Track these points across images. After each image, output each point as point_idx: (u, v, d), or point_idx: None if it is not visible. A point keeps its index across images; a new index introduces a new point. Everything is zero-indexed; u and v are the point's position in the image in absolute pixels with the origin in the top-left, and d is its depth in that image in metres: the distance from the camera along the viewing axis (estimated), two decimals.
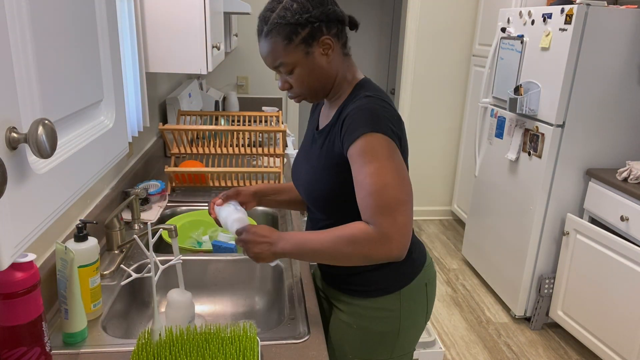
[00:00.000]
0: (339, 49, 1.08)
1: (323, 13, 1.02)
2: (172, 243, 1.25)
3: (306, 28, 1.01)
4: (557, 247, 2.65)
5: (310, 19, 1.01)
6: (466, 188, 3.84)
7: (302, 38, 1.02)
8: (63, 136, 0.59)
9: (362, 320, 1.17)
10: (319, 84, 1.08)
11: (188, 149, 1.94)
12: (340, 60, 1.09)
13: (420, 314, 1.21)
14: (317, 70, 1.06)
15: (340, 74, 1.10)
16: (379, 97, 1.05)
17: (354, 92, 1.10)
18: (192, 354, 0.92)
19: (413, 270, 1.18)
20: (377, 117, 1.00)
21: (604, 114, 2.46)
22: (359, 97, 1.05)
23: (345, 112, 1.06)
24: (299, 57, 1.04)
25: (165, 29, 1.54)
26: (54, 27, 0.54)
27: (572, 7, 2.29)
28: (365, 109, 1.02)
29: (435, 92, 3.89)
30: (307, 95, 1.10)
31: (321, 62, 1.06)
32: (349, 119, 1.02)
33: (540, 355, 2.52)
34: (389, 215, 0.97)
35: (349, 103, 1.07)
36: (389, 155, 1.00)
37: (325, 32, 1.04)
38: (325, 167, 1.10)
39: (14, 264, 0.82)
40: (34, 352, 0.85)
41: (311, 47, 1.03)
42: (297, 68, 1.05)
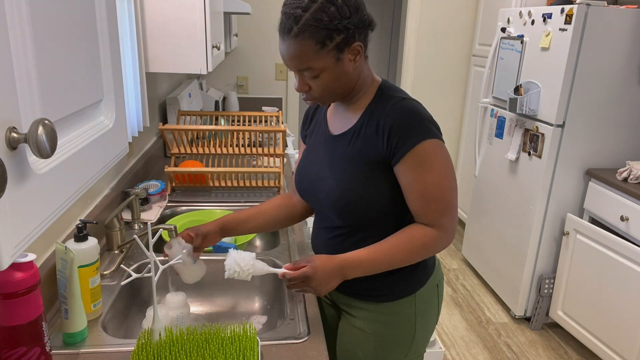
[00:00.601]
0: (363, 54, 1.05)
1: (360, 19, 0.99)
2: None
3: (342, 34, 0.97)
4: (557, 247, 2.65)
5: (348, 25, 0.97)
6: (466, 188, 3.84)
7: (336, 44, 0.97)
8: (63, 136, 0.59)
9: (378, 325, 1.16)
10: (342, 89, 1.05)
11: (188, 149, 1.94)
12: (363, 64, 1.07)
13: (433, 315, 1.21)
14: (344, 76, 1.03)
15: (361, 77, 1.08)
16: (412, 98, 1.07)
17: (382, 94, 1.07)
18: (192, 354, 0.92)
19: (426, 272, 1.17)
20: (424, 120, 1.02)
21: (604, 114, 2.46)
22: (395, 100, 1.04)
23: (382, 116, 1.03)
24: (329, 63, 0.99)
25: (165, 29, 1.54)
26: (54, 27, 0.54)
27: (572, 7, 2.29)
28: (412, 113, 1.02)
29: (435, 92, 3.89)
30: (326, 98, 1.07)
31: (348, 68, 1.02)
32: (399, 127, 1.00)
33: (540, 355, 2.52)
34: (448, 214, 1.06)
35: (383, 106, 1.05)
36: (444, 159, 1.04)
37: (357, 39, 1.00)
38: (355, 173, 1.06)
39: (14, 264, 0.82)
40: (34, 352, 0.85)
41: (342, 53, 0.99)
42: (325, 73, 1.00)
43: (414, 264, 1.13)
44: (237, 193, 1.94)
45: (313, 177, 1.15)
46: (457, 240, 3.82)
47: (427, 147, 1.01)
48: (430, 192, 1.03)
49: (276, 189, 1.99)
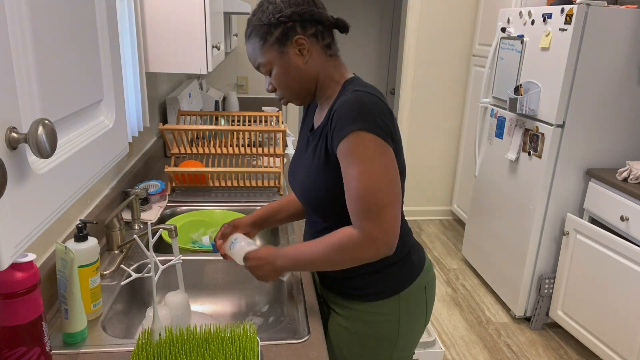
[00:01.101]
0: (319, 50, 1.07)
1: (295, 13, 1.02)
2: (172, 243, 1.25)
3: (279, 28, 1.03)
4: (557, 247, 2.65)
5: (281, 19, 1.02)
6: (466, 188, 3.84)
7: (276, 37, 1.04)
8: (63, 136, 0.59)
9: (360, 324, 1.16)
10: (298, 84, 1.08)
11: (188, 149, 1.94)
12: (321, 61, 1.08)
13: (419, 317, 1.20)
14: (293, 70, 1.06)
15: (322, 74, 1.09)
16: (368, 91, 1.02)
17: (343, 89, 1.09)
18: (192, 354, 0.92)
19: (412, 273, 1.17)
20: (365, 112, 0.98)
21: (604, 114, 2.46)
22: (348, 92, 1.04)
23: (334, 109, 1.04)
24: (274, 57, 1.05)
25: (165, 29, 1.54)
26: (54, 27, 0.54)
27: (572, 7, 2.29)
28: (353, 103, 0.99)
29: (435, 92, 3.89)
30: (290, 96, 1.11)
31: (297, 62, 1.06)
32: (337, 115, 1.00)
33: (540, 355, 2.52)
34: (371, 219, 0.98)
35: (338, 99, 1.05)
36: (376, 155, 0.98)
37: (299, 32, 1.04)
38: (320, 169, 1.08)
39: (14, 264, 0.82)
40: (34, 352, 0.85)
41: (285, 47, 1.04)
42: (274, 68, 1.07)
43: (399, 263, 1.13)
44: (237, 193, 1.94)
45: (294, 174, 1.20)
46: (457, 241, 3.82)
47: (359, 138, 0.97)
48: (354, 187, 0.98)
49: (276, 189, 1.99)
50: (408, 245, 1.18)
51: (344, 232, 1.02)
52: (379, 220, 0.98)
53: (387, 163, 0.98)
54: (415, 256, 1.19)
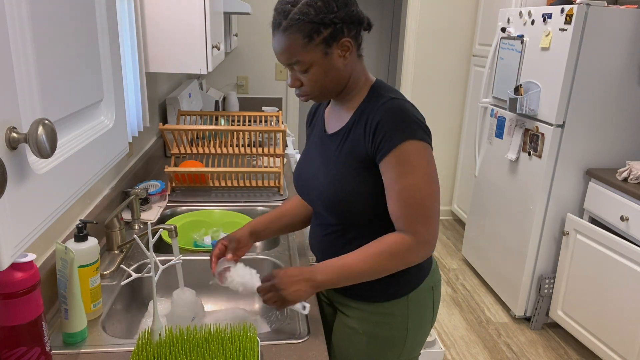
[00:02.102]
0: (355, 51, 1.06)
1: (347, 14, 1.00)
2: (172, 243, 1.25)
3: (329, 28, 0.98)
4: (557, 247, 2.65)
5: (334, 20, 0.98)
6: (466, 188, 3.84)
7: (324, 38, 0.99)
8: (63, 136, 0.59)
9: (369, 325, 1.16)
10: (332, 85, 1.06)
11: (188, 149, 1.94)
12: (355, 62, 1.07)
13: (427, 318, 1.20)
14: (333, 71, 1.04)
15: (353, 75, 1.08)
16: (404, 98, 1.05)
17: (374, 93, 1.08)
18: (192, 354, 0.92)
19: (420, 274, 1.17)
20: (411, 121, 1.00)
21: (604, 114, 2.46)
22: (385, 99, 1.03)
23: (371, 114, 1.03)
24: (317, 57, 1.01)
25: (165, 29, 1.54)
26: (54, 27, 0.54)
27: (572, 7, 2.29)
28: (399, 111, 1.00)
29: (435, 92, 3.89)
30: (317, 95, 1.08)
31: (338, 64, 1.03)
32: (385, 125, 1.00)
33: (540, 355, 2.52)
34: (425, 224, 1.02)
35: (372, 105, 1.05)
36: (427, 163, 1.01)
37: (346, 34, 1.01)
38: (345, 171, 1.06)
39: (14, 264, 0.82)
40: (34, 352, 0.85)
41: (330, 48, 1.01)
42: (314, 67, 1.02)
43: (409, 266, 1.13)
44: (237, 193, 1.94)
45: (307, 176, 1.17)
46: (457, 240, 3.82)
47: (409, 148, 0.99)
48: (408, 195, 1.00)
49: (276, 189, 1.99)
50: None
51: (394, 239, 1.03)
52: (431, 224, 1.02)
53: (434, 169, 1.03)
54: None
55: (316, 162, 1.15)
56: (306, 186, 1.17)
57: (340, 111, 1.13)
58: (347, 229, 1.12)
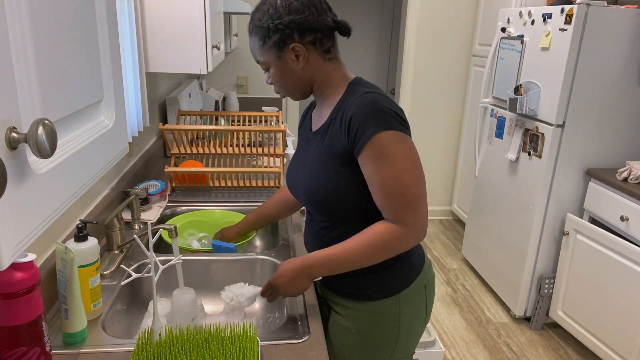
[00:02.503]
0: (317, 55, 1.09)
1: (293, 21, 1.04)
2: (172, 243, 1.25)
3: (276, 34, 1.05)
4: (557, 247, 2.65)
5: (279, 26, 1.04)
6: (466, 188, 3.84)
7: (273, 42, 1.06)
8: (63, 136, 0.59)
9: (361, 324, 1.16)
10: (293, 86, 1.12)
11: (188, 149, 1.94)
12: (319, 66, 1.10)
13: (420, 316, 1.21)
14: (289, 73, 1.10)
15: (319, 77, 1.11)
16: (378, 91, 1.06)
17: (350, 90, 1.10)
18: (192, 354, 0.92)
19: (412, 273, 1.17)
20: (385, 113, 1.01)
21: (604, 114, 2.46)
22: (359, 94, 1.05)
23: (345, 110, 1.05)
24: (271, 59, 1.09)
25: (165, 29, 1.54)
26: (54, 27, 0.54)
27: (572, 7, 2.29)
28: (371, 104, 1.01)
29: (435, 92, 3.89)
30: (288, 93, 1.15)
31: (292, 67, 1.09)
32: (357, 118, 1.01)
33: (540, 355, 2.52)
34: (412, 211, 1.03)
35: (347, 100, 1.07)
36: (404, 151, 1.01)
37: (296, 40, 1.05)
38: (325, 168, 1.09)
39: (14, 264, 0.82)
40: (34, 352, 0.85)
41: (282, 52, 1.07)
42: (272, 68, 1.11)
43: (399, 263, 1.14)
44: (237, 193, 1.94)
45: (295, 174, 1.20)
46: (457, 240, 3.82)
47: (383, 139, 1.00)
48: (390, 186, 1.02)
49: (276, 189, 1.99)
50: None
51: (384, 229, 1.04)
52: (419, 210, 1.03)
53: (414, 156, 1.03)
54: (415, 256, 1.19)
55: (302, 161, 1.18)
56: (294, 185, 1.21)
57: (321, 110, 1.16)
58: (335, 224, 1.13)
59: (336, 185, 1.08)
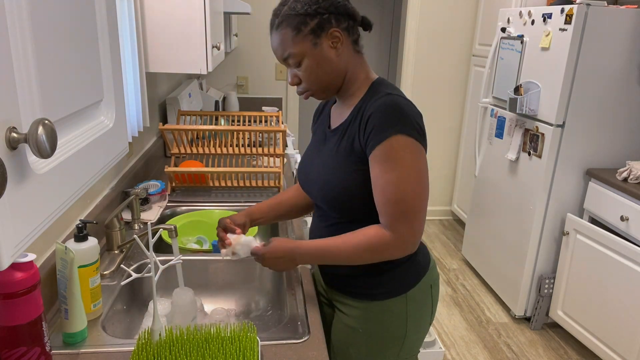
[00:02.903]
0: (349, 45, 1.07)
1: (332, 5, 1.02)
2: (172, 243, 1.25)
3: (315, 19, 1.02)
4: (557, 247, 2.65)
5: (319, 10, 1.01)
6: (466, 188, 3.84)
7: (311, 29, 1.02)
8: (63, 136, 0.59)
9: (368, 323, 1.16)
10: (328, 78, 1.07)
11: (188, 149, 1.94)
12: (350, 56, 1.08)
13: (426, 316, 1.21)
14: (326, 62, 1.05)
15: (350, 70, 1.09)
16: (401, 95, 1.05)
17: (373, 90, 1.08)
18: (192, 354, 0.92)
19: (418, 272, 1.17)
20: (403, 116, 1.00)
21: (604, 114, 2.46)
22: (381, 94, 1.04)
23: (366, 109, 1.04)
24: (307, 48, 1.03)
25: (165, 29, 1.54)
26: (53, 27, 0.54)
27: (572, 7, 2.29)
28: (391, 106, 1.00)
29: (435, 92, 3.89)
30: (316, 89, 1.09)
31: (329, 55, 1.05)
32: (375, 118, 1.00)
33: (540, 355, 2.52)
34: (406, 222, 1.01)
35: (369, 100, 1.05)
36: (414, 160, 1.00)
37: (334, 25, 1.03)
38: (343, 166, 1.08)
39: (14, 264, 0.82)
40: (34, 352, 0.85)
41: (319, 38, 1.03)
42: (305, 59, 1.04)
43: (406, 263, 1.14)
44: (237, 193, 1.94)
45: (309, 170, 1.19)
46: (457, 240, 3.82)
47: (396, 143, 0.99)
48: (391, 191, 1.00)
49: (276, 189, 1.99)
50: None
51: (374, 233, 1.03)
52: (413, 223, 1.02)
53: (423, 167, 1.02)
54: (420, 255, 1.19)
55: (318, 157, 1.17)
56: (307, 181, 1.19)
57: (342, 108, 1.15)
58: (347, 222, 1.13)
59: (353, 183, 1.07)
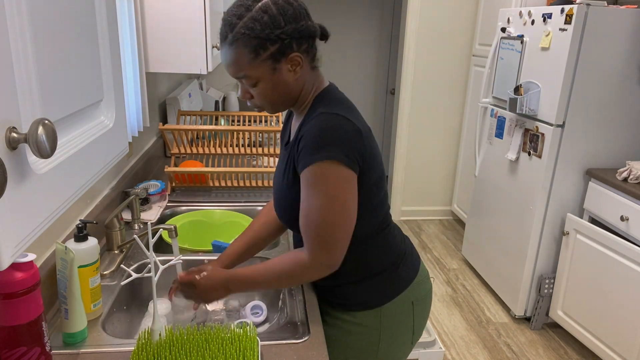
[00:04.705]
0: (307, 64, 1.02)
1: (296, 30, 0.95)
2: (172, 243, 1.25)
3: (276, 44, 0.94)
4: (557, 247, 2.65)
5: (281, 36, 0.94)
6: (466, 188, 3.84)
7: (271, 54, 0.95)
8: (63, 136, 0.59)
9: (342, 333, 1.16)
10: (281, 99, 1.03)
11: (188, 149, 1.94)
12: (307, 75, 1.04)
13: (404, 333, 1.18)
14: (282, 86, 1.00)
15: (306, 87, 1.05)
16: (333, 112, 0.98)
17: (313, 107, 1.05)
18: (192, 354, 0.92)
19: (397, 287, 1.15)
20: (328, 140, 0.95)
21: (604, 114, 2.46)
22: (316, 113, 1.00)
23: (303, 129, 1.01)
24: (265, 73, 0.97)
25: (165, 29, 1.54)
26: (54, 27, 0.54)
27: (572, 7, 2.29)
28: (321, 129, 0.96)
29: (435, 92, 3.89)
30: (268, 107, 1.05)
31: (287, 78, 0.99)
32: (304, 140, 0.97)
33: (540, 355, 2.52)
34: (324, 249, 1.00)
35: (307, 119, 1.02)
36: (337, 189, 0.97)
37: (295, 49, 0.97)
38: (290, 184, 1.06)
39: (14, 264, 0.82)
40: (34, 352, 0.85)
41: (279, 64, 0.97)
42: (261, 83, 0.99)
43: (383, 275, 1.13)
44: (237, 193, 1.94)
45: (274, 188, 1.17)
46: (457, 241, 3.82)
47: (320, 169, 0.95)
48: (312, 217, 0.98)
49: None
50: (394, 256, 1.15)
51: (295, 259, 1.03)
52: (330, 250, 1.00)
53: (347, 196, 0.98)
54: (403, 268, 1.16)
55: (277, 173, 1.14)
56: (275, 199, 1.17)
57: (295, 123, 1.12)
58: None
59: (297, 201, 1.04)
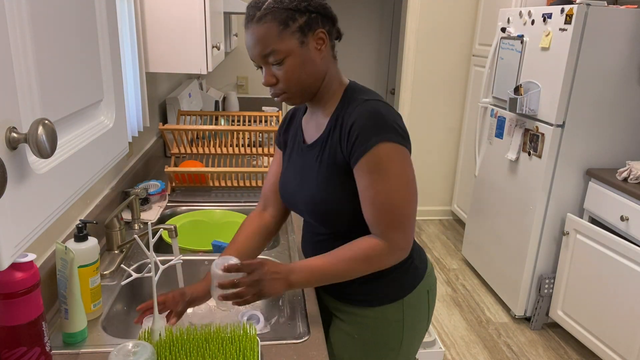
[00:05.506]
0: (329, 49, 1.03)
1: (321, 5, 0.99)
2: (172, 243, 1.25)
3: (304, 16, 0.96)
4: (557, 247, 2.65)
5: (309, 7, 0.97)
6: (466, 188, 3.84)
7: (299, 26, 0.96)
8: (63, 136, 0.59)
9: (364, 330, 1.15)
10: (309, 80, 1.01)
11: (188, 149, 1.94)
12: (329, 61, 1.04)
13: (422, 321, 1.20)
14: (309, 64, 0.99)
15: (328, 75, 1.05)
16: (378, 99, 1.03)
17: (347, 97, 1.05)
18: (192, 354, 0.92)
19: (415, 278, 1.16)
20: (385, 122, 0.97)
21: (604, 114, 2.46)
22: (359, 101, 1.01)
23: (345, 118, 1.01)
24: (293, 46, 0.97)
25: (165, 29, 1.54)
26: (53, 27, 0.54)
27: (572, 7, 2.29)
28: (371, 113, 0.98)
29: (435, 92, 3.89)
30: (294, 92, 1.02)
31: (314, 56, 0.99)
32: (357, 127, 0.97)
33: (540, 355, 2.52)
34: (399, 230, 1.00)
35: (346, 109, 1.03)
36: (400, 167, 0.98)
37: (320, 25, 0.99)
38: (330, 181, 1.05)
39: (14, 264, 0.82)
40: (34, 352, 0.85)
41: (307, 37, 0.97)
42: (290, 58, 0.97)
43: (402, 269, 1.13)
44: (237, 193, 1.94)
45: (292, 188, 1.14)
46: (457, 240, 3.82)
47: (382, 151, 0.96)
48: (381, 202, 0.98)
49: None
50: (412, 251, 1.16)
51: (368, 244, 1.01)
52: (405, 230, 1.01)
53: (410, 172, 1.00)
54: (417, 261, 1.18)
55: (299, 174, 1.12)
56: (292, 199, 1.15)
57: (317, 119, 1.11)
58: (337, 235, 1.11)
59: (340, 197, 1.04)
